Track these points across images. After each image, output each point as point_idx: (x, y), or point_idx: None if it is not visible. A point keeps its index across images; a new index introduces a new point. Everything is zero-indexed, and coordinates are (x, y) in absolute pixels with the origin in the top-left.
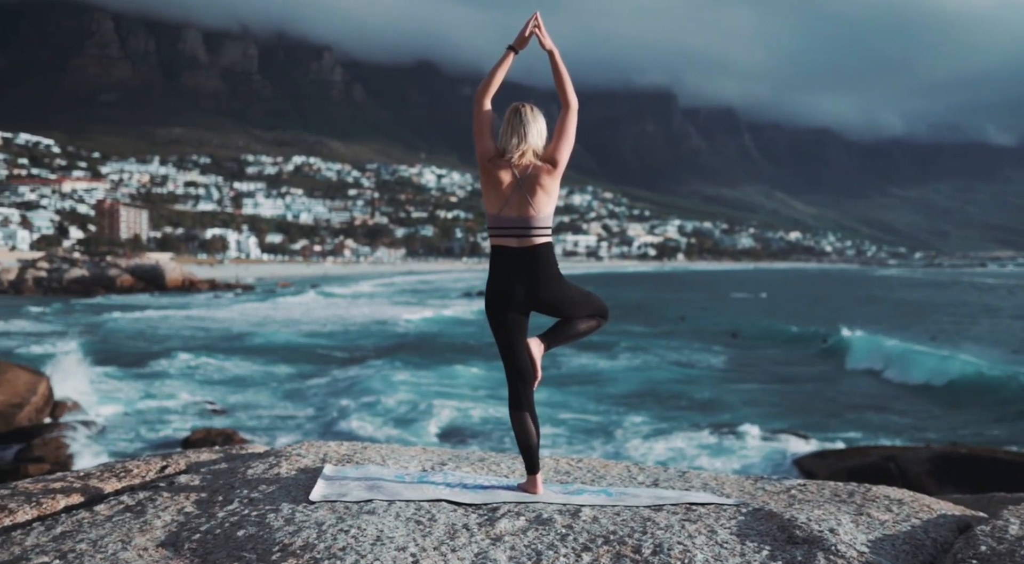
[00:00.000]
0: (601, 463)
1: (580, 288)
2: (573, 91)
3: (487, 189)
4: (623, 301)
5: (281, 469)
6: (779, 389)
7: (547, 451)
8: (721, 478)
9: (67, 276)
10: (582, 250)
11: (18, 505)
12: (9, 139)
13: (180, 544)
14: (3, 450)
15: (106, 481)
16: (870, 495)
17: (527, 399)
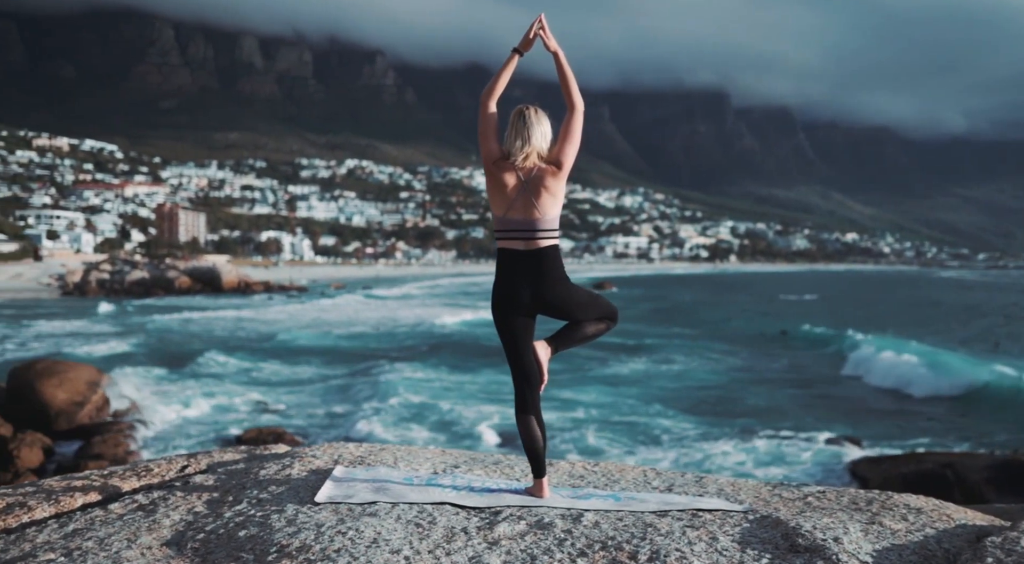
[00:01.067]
0: (617, 467)
1: (588, 290)
2: (579, 93)
3: (492, 192)
4: (674, 303)
5: (293, 470)
6: (830, 393)
7: (577, 455)
8: (738, 484)
9: (128, 278)
10: (633, 252)
11: (37, 502)
12: (75, 145)
13: (184, 543)
14: (65, 447)
15: (126, 480)
16: (889, 503)
17: (533, 403)
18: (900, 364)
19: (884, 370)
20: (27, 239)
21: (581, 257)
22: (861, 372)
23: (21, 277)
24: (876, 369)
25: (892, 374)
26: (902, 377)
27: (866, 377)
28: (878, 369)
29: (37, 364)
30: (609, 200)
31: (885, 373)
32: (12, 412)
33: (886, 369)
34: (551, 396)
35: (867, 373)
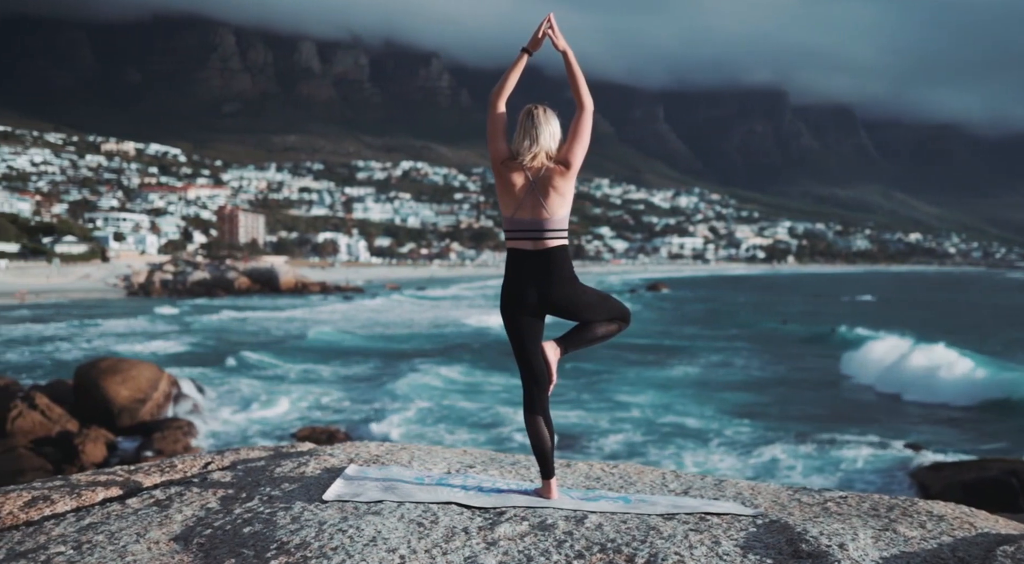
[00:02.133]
0: (636, 469)
1: (597, 291)
2: (588, 92)
3: (501, 192)
4: (729, 305)
5: (308, 468)
6: (885, 397)
7: (626, 457)
8: (758, 487)
9: (190, 279)
10: (688, 253)
11: (60, 496)
12: (141, 149)
13: (191, 539)
14: (127, 443)
15: (149, 475)
16: (911, 510)
17: (541, 403)
18: (958, 370)
19: (942, 376)
20: (95, 241)
21: (635, 258)
22: (916, 377)
23: (89, 278)
24: (933, 374)
25: (949, 380)
26: (959, 384)
27: (921, 382)
28: (935, 375)
29: (102, 362)
30: (664, 200)
31: (943, 379)
32: (79, 408)
33: (945, 375)
34: (605, 396)
35: (923, 379)
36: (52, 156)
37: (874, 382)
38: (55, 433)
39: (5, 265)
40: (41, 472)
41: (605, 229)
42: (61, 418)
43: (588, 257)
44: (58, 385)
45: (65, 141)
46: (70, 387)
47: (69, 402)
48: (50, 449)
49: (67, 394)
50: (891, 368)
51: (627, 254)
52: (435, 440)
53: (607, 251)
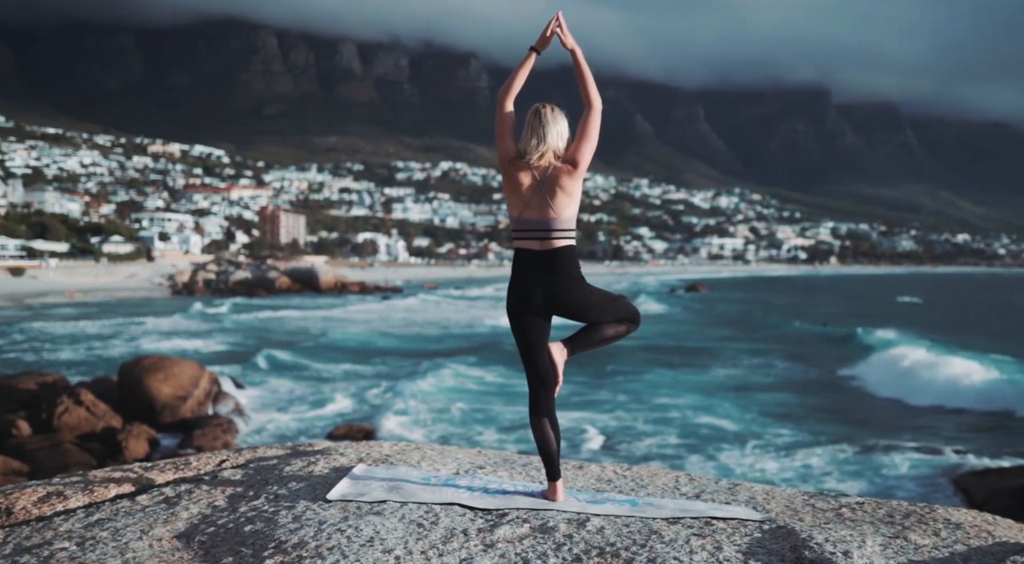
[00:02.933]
0: (649, 472)
1: (605, 292)
2: (596, 91)
3: (508, 192)
4: (769, 306)
5: (317, 467)
6: (928, 402)
7: (659, 458)
8: (773, 492)
9: (232, 278)
10: (728, 253)
11: (74, 492)
12: (186, 151)
13: (193, 537)
14: (168, 439)
15: (164, 473)
16: (929, 517)
17: (547, 404)
18: (1005, 375)
19: (984, 381)
20: (141, 241)
21: (675, 259)
22: (960, 382)
23: (135, 277)
24: (977, 380)
25: (993, 386)
26: (1004, 389)
27: (965, 387)
28: (982, 380)
29: (145, 360)
30: (704, 201)
31: (985, 384)
32: (122, 405)
33: (986, 380)
34: (643, 399)
35: (968, 384)
36: (101, 158)
37: (918, 387)
38: (100, 429)
39: (55, 264)
40: (85, 467)
41: (644, 229)
42: (105, 414)
43: (627, 257)
44: (103, 382)
45: (113, 143)
46: (114, 384)
47: (113, 399)
48: (95, 444)
49: (112, 391)
50: (937, 373)
51: (666, 255)
52: (465, 440)
53: (646, 252)
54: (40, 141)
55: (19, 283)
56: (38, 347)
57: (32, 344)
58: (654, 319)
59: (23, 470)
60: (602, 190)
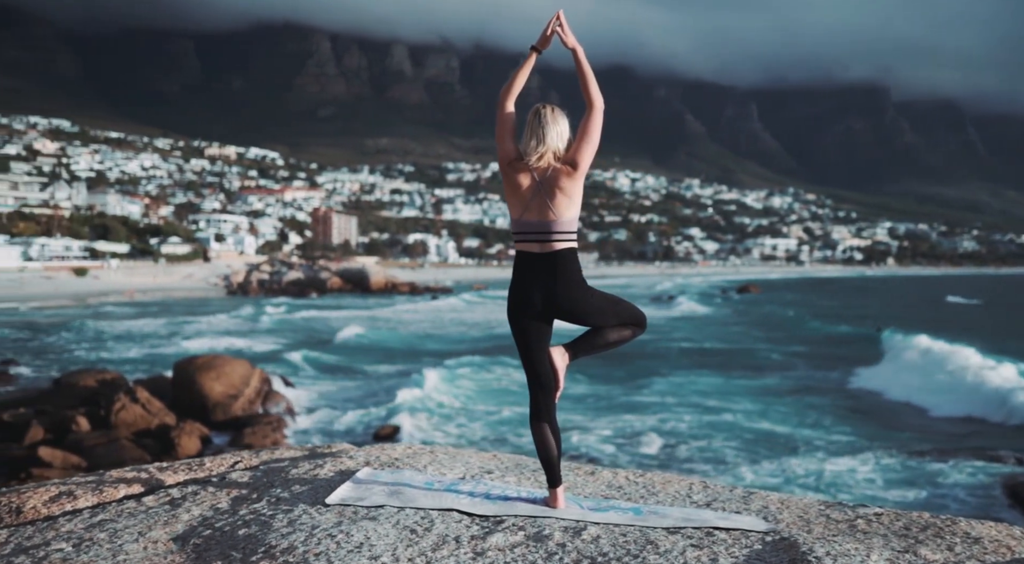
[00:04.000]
0: (663, 479)
1: (608, 295)
2: (598, 91)
3: (508, 193)
4: (822, 308)
5: (323, 470)
6: (989, 407)
7: (703, 462)
8: (789, 500)
9: (285, 278)
10: (781, 254)
11: (84, 492)
12: (242, 153)
13: (189, 539)
14: (219, 437)
15: (175, 474)
16: (948, 530)
17: (547, 410)
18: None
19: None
20: (198, 242)
21: (726, 259)
22: (1013, 389)
23: (192, 277)
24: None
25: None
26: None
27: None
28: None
29: (198, 359)
30: (756, 201)
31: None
32: (176, 403)
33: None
34: (693, 402)
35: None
36: (160, 161)
37: (968, 392)
38: (154, 426)
39: (116, 264)
40: (139, 463)
41: (695, 230)
42: (160, 412)
43: (677, 258)
44: (158, 380)
45: (172, 146)
46: (169, 382)
47: (168, 396)
48: (149, 441)
49: (166, 388)
50: (987, 379)
51: (718, 255)
52: (499, 442)
53: (697, 252)
54: (103, 145)
55: (82, 283)
56: (99, 345)
57: (93, 342)
58: (700, 321)
59: (81, 465)
60: (652, 190)
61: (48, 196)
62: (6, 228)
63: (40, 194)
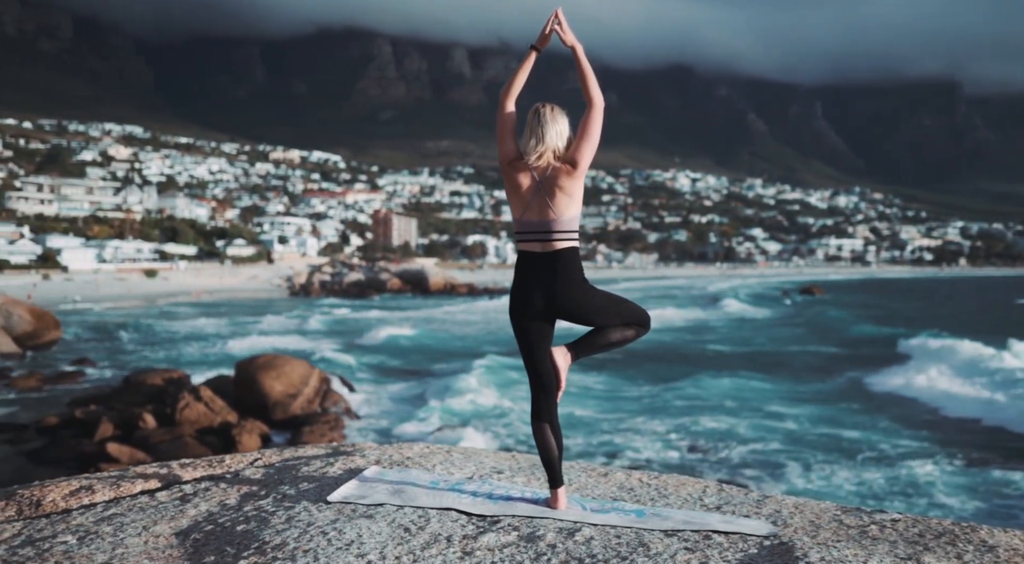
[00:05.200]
0: (677, 481)
1: (610, 295)
2: (598, 89)
3: (509, 193)
4: (891, 311)
5: (333, 468)
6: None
7: (755, 466)
8: (804, 505)
9: (346, 280)
10: (846, 255)
11: (103, 487)
12: (305, 157)
13: (190, 534)
14: (278, 436)
15: (195, 470)
16: (965, 537)
17: (548, 410)
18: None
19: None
20: (262, 244)
21: (789, 260)
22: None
23: (256, 278)
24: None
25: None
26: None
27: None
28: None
29: (259, 359)
30: (821, 200)
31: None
32: (238, 401)
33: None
34: (754, 406)
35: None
36: (227, 165)
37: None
38: (217, 424)
39: (185, 266)
40: None
41: (757, 230)
42: (222, 410)
43: (739, 259)
44: (221, 378)
45: (238, 151)
46: (231, 381)
47: (230, 395)
48: (212, 438)
49: (229, 387)
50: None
51: (780, 256)
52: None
53: (759, 253)
54: (173, 150)
55: (152, 284)
56: (166, 344)
57: (161, 342)
58: (744, 322)
59: (146, 461)
60: (714, 191)
61: (121, 200)
62: (82, 231)
63: (114, 198)
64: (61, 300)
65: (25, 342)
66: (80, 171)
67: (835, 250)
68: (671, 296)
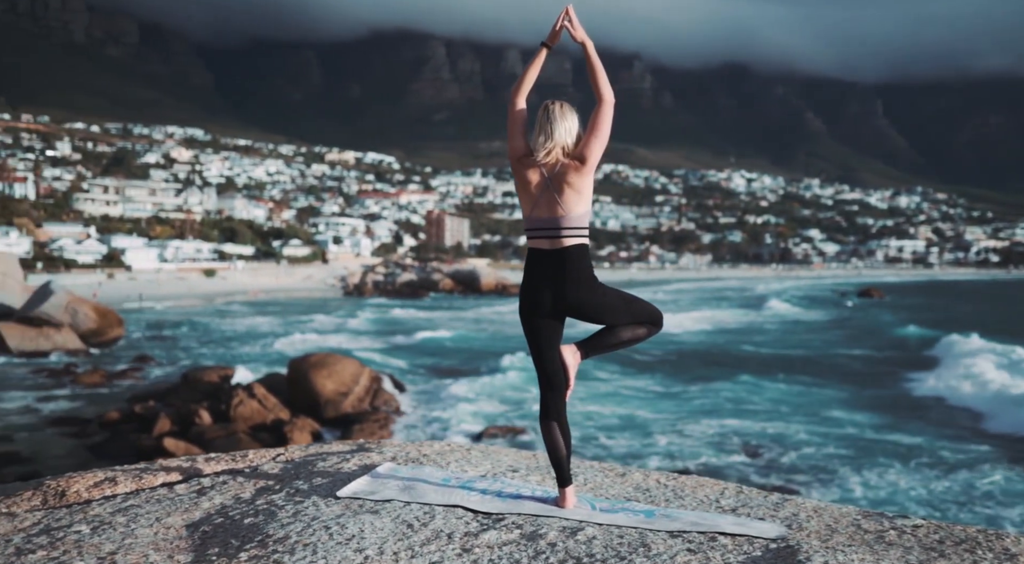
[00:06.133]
0: (695, 482)
1: (621, 293)
2: (608, 85)
3: (519, 190)
4: (958, 314)
5: (349, 464)
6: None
7: (805, 470)
8: (824, 509)
9: (399, 280)
10: (908, 256)
11: (126, 479)
12: (360, 158)
13: (200, 526)
14: (329, 433)
15: (218, 464)
16: (986, 545)
17: (555, 409)
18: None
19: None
20: (317, 244)
21: (847, 262)
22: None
23: (311, 278)
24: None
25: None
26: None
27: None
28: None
29: (311, 357)
30: (881, 201)
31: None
32: (291, 399)
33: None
34: (812, 411)
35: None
36: (284, 166)
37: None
38: (270, 421)
39: (242, 266)
40: None
41: (815, 231)
42: (275, 407)
43: (795, 260)
44: (274, 376)
45: (295, 152)
46: (284, 379)
47: (283, 392)
48: (265, 435)
49: (281, 385)
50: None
51: (838, 257)
52: (586, 443)
53: (816, 254)
54: (232, 152)
55: (211, 283)
56: (223, 342)
57: (218, 340)
58: (786, 325)
59: None
60: (769, 191)
61: (182, 201)
62: (145, 232)
63: (175, 199)
64: (125, 299)
65: (90, 339)
66: (144, 173)
67: (896, 251)
68: (723, 297)
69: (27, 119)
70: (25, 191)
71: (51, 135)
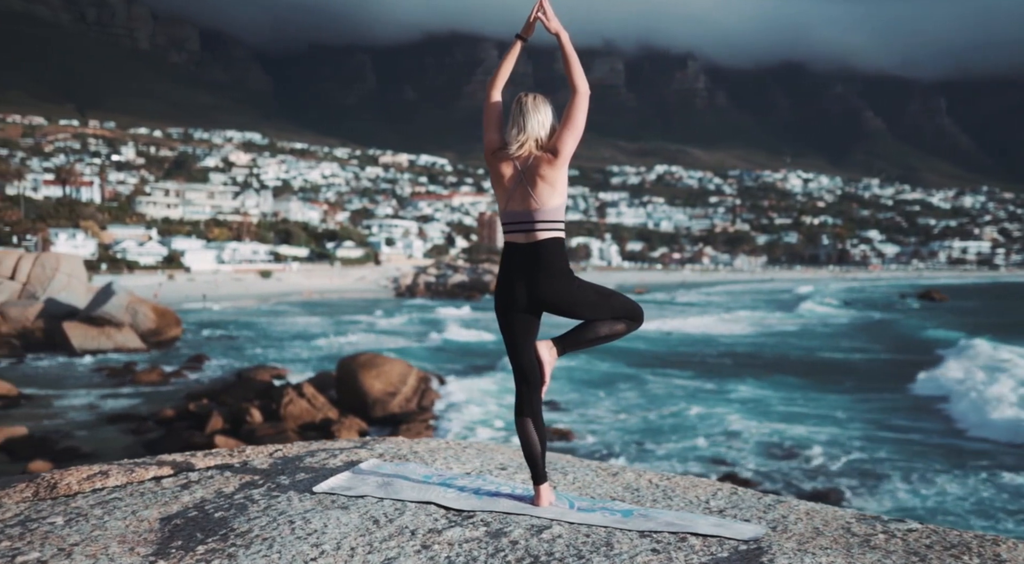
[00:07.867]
0: (688, 483)
1: (598, 287)
2: (583, 76)
3: (494, 184)
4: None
5: (336, 460)
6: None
7: (839, 474)
8: (817, 512)
9: (450, 281)
10: (972, 258)
11: (118, 472)
12: (413, 161)
13: (173, 520)
14: (376, 432)
15: (213, 459)
16: (978, 551)
17: (530, 405)
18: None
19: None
20: (370, 246)
21: (908, 263)
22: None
23: (364, 279)
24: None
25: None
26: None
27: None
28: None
29: (360, 357)
30: (944, 201)
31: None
32: (339, 398)
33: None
34: (871, 418)
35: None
36: (339, 169)
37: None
38: (318, 420)
39: (297, 267)
40: None
41: (873, 232)
42: (324, 406)
43: (853, 262)
44: (324, 376)
45: (350, 155)
46: (333, 378)
47: (331, 392)
48: (313, 433)
49: (330, 384)
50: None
51: (898, 259)
52: (634, 446)
53: (875, 256)
54: (289, 156)
55: (267, 284)
56: (276, 342)
57: (271, 339)
58: (815, 328)
59: None
60: (827, 191)
61: (239, 204)
62: (203, 234)
63: (232, 202)
64: (184, 299)
65: (149, 338)
66: (203, 176)
67: (959, 253)
68: (759, 298)
69: (94, 125)
70: (91, 195)
71: (116, 140)
